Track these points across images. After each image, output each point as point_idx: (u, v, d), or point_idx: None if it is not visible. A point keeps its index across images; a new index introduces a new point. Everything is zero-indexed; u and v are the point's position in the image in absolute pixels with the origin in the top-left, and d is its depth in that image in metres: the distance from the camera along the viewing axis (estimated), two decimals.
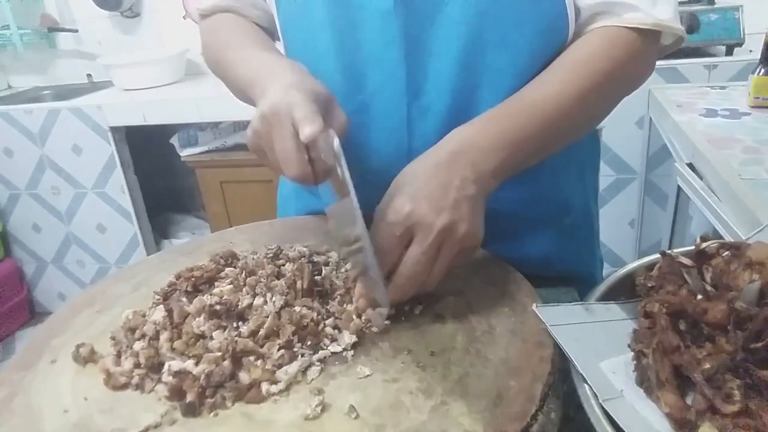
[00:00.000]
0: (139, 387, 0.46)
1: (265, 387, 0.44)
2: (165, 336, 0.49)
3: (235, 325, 0.50)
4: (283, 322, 0.49)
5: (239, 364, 0.46)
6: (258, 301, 0.52)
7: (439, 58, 0.61)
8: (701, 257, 0.48)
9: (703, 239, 0.49)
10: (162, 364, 0.47)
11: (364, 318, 0.51)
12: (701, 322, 0.43)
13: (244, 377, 0.45)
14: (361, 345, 0.49)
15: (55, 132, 2.15)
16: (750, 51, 1.65)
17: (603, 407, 0.38)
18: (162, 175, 2.55)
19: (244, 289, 0.54)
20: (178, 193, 2.65)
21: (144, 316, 0.53)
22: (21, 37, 2.43)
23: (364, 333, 0.51)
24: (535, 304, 0.50)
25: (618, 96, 0.64)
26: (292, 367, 0.46)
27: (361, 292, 0.52)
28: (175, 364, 0.46)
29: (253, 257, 0.61)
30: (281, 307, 0.51)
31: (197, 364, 0.46)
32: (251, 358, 0.46)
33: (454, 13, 0.59)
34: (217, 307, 0.50)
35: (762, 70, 1.23)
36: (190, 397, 0.43)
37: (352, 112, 0.63)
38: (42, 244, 2.42)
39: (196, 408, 0.43)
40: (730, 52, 1.66)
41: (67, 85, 2.62)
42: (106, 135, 2.10)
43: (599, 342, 0.45)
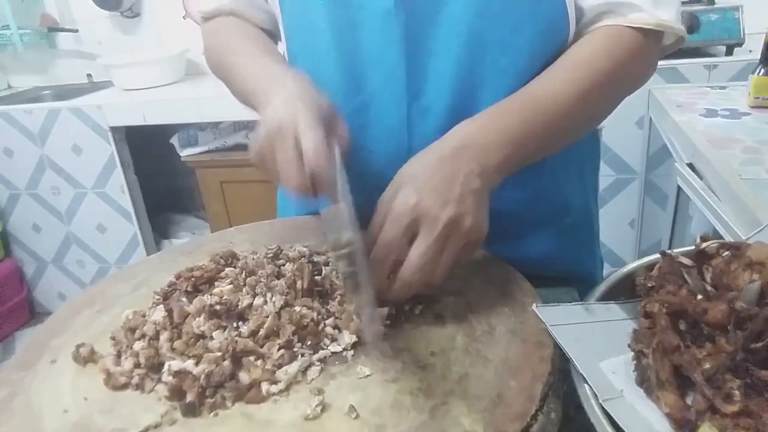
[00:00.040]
0: (139, 387, 0.46)
1: (265, 387, 0.44)
2: (165, 336, 0.49)
3: (235, 325, 0.50)
4: (283, 322, 0.49)
5: (239, 364, 0.46)
6: (258, 301, 0.52)
7: (439, 58, 0.61)
8: (701, 257, 0.48)
9: (703, 239, 0.49)
10: (162, 364, 0.47)
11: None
12: (701, 322, 0.43)
13: (244, 377, 0.45)
14: (361, 345, 0.49)
15: (55, 132, 2.15)
16: (750, 51, 1.65)
17: (603, 407, 0.38)
18: (162, 175, 2.55)
19: (244, 289, 0.54)
20: (178, 193, 2.65)
21: (144, 316, 0.53)
22: (21, 37, 2.43)
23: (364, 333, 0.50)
24: (535, 304, 0.50)
25: (620, 95, 0.64)
26: (292, 367, 0.46)
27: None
28: (175, 364, 0.46)
29: (253, 257, 0.61)
30: (281, 307, 0.51)
31: (197, 364, 0.46)
32: (251, 358, 0.46)
33: (454, 13, 0.59)
34: (217, 307, 0.50)
35: (762, 70, 1.23)
36: (190, 397, 0.43)
37: (352, 112, 0.63)
38: (42, 244, 2.42)
39: (196, 408, 0.43)
40: (730, 52, 1.66)
41: (67, 85, 2.62)
42: (106, 135, 2.10)
43: (599, 342, 0.45)
